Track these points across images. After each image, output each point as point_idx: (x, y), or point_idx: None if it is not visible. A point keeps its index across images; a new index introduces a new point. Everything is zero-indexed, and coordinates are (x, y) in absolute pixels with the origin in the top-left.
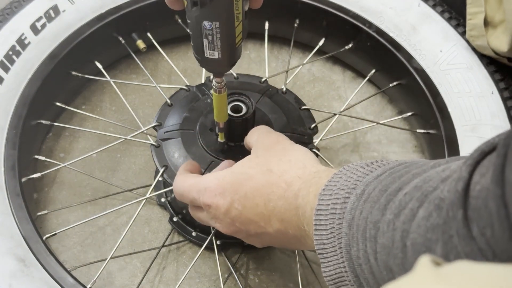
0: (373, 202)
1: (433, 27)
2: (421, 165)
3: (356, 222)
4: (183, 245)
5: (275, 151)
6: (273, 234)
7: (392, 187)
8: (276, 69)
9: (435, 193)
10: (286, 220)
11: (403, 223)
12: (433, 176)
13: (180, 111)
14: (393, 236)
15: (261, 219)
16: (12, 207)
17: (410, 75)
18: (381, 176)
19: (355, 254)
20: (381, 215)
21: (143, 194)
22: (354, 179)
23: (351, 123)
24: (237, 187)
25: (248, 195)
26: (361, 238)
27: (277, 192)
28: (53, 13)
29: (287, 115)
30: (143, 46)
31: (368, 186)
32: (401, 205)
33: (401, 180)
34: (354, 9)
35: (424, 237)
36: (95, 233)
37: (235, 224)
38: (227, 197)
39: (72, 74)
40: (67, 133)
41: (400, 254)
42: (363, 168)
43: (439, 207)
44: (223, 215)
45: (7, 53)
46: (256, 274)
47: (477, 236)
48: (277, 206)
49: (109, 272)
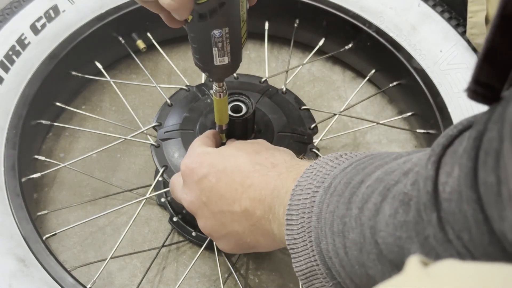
0: (339, 195)
1: (433, 27)
2: (384, 157)
3: (323, 216)
4: (183, 245)
5: (265, 144)
6: (238, 214)
7: (355, 180)
8: (276, 69)
9: (397, 187)
10: (259, 198)
11: (369, 219)
12: (394, 168)
13: (180, 111)
14: (363, 232)
15: (232, 196)
16: (12, 207)
17: (410, 75)
18: (347, 169)
19: (325, 248)
20: (346, 209)
21: (143, 194)
22: (323, 173)
23: (351, 123)
24: (217, 162)
25: (227, 170)
26: (329, 232)
27: (261, 170)
28: (53, 13)
29: (287, 115)
30: (143, 46)
31: (335, 179)
32: (363, 199)
33: (364, 172)
34: (354, 9)
35: (394, 236)
36: (95, 233)
37: (202, 197)
38: (203, 168)
39: (72, 74)
40: (67, 133)
41: (374, 250)
42: (332, 162)
43: (404, 203)
44: (195, 183)
45: (7, 53)
46: (256, 274)
47: (454, 240)
48: (254, 183)
49: (109, 272)
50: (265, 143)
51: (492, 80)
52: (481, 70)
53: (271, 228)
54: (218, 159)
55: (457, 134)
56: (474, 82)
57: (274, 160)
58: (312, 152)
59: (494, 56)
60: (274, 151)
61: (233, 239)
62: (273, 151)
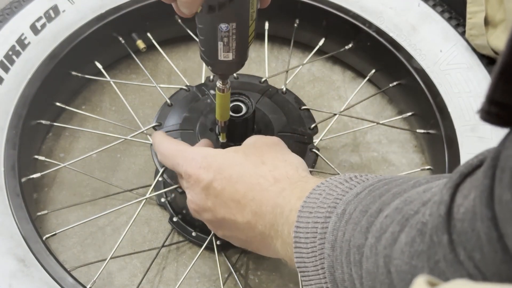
0: (355, 224)
1: (433, 27)
2: (401, 183)
3: (339, 244)
4: (183, 245)
5: (274, 148)
6: (240, 225)
7: (372, 208)
8: (276, 69)
9: (416, 217)
10: (260, 214)
11: (385, 247)
12: (414, 197)
13: (180, 111)
14: (377, 261)
15: (235, 206)
16: (12, 207)
17: (410, 75)
18: (361, 194)
19: (340, 277)
20: (364, 238)
21: (143, 194)
22: (334, 196)
23: (351, 123)
24: (224, 167)
25: (232, 178)
26: (345, 261)
27: (263, 184)
28: (53, 13)
29: (287, 115)
30: (143, 46)
31: (349, 205)
32: (382, 228)
33: (381, 200)
34: (354, 9)
35: (409, 264)
36: (95, 233)
37: (207, 202)
38: (210, 173)
39: (72, 74)
40: (67, 133)
41: (386, 280)
42: (342, 185)
43: (421, 232)
44: (200, 189)
45: (7, 53)
46: (256, 274)
47: (465, 261)
48: (256, 198)
49: (109, 272)
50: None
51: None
52: (496, 88)
53: (274, 243)
54: (224, 164)
55: (478, 164)
56: (488, 102)
57: (277, 174)
58: (312, 152)
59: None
60: (279, 163)
61: (238, 241)
62: (278, 162)
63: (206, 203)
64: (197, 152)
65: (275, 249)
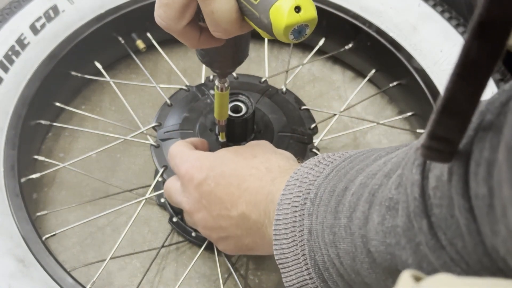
0: (325, 205)
1: (433, 27)
2: (364, 159)
3: (314, 228)
4: (183, 245)
5: (263, 145)
6: (235, 218)
7: (339, 187)
8: (276, 69)
9: (382, 191)
10: (254, 202)
11: (359, 228)
12: (375, 170)
13: (179, 111)
14: (353, 241)
15: (229, 200)
16: (11, 207)
17: (410, 75)
18: (330, 176)
19: (320, 259)
20: (333, 218)
21: (143, 194)
22: (307, 183)
23: (351, 123)
24: (215, 166)
25: (225, 173)
26: (322, 243)
27: (256, 174)
28: (53, 13)
29: (287, 115)
30: (142, 46)
31: (319, 189)
32: (351, 207)
33: (346, 178)
34: (354, 9)
35: (385, 244)
36: (95, 233)
37: (202, 201)
38: (203, 172)
39: (72, 74)
40: (66, 133)
41: (367, 259)
42: (313, 170)
43: (390, 208)
44: (194, 188)
45: (6, 53)
46: (256, 274)
47: (447, 246)
48: (250, 187)
49: (108, 273)
50: (264, 145)
51: (451, 133)
52: (439, 123)
53: (267, 232)
54: (216, 162)
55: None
56: (430, 137)
57: (269, 165)
58: (312, 153)
59: (454, 105)
60: (270, 155)
61: (233, 241)
62: (269, 155)
63: (200, 201)
64: (192, 154)
65: (269, 238)
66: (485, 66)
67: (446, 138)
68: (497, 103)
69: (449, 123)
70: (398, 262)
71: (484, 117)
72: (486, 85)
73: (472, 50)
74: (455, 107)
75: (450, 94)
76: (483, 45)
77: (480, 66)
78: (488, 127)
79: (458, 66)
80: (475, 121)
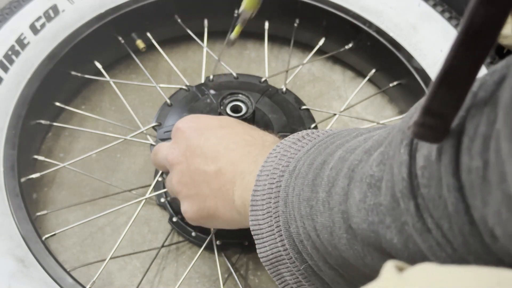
0: (303, 178)
1: (433, 27)
2: (345, 135)
3: (290, 199)
4: (183, 245)
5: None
6: (209, 175)
7: (317, 160)
8: (276, 69)
9: (362, 167)
10: (234, 162)
11: (339, 203)
12: (355, 145)
13: (179, 111)
14: (331, 216)
15: (213, 156)
16: (11, 207)
17: (410, 75)
18: (310, 150)
19: (295, 231)
20: (311, 191)
21: (143, 194)
22: (288, 156)
23: (351, 123)
24: (211, 127)
25: (218, 134)
26: (298, 215)
27: (249, 140)
28: (53, 13)
29: (287, 115)
30: (142, 46)
31: (299, 162)
32: (330, 182)
33: (325, 152)
34: (354, 8)
35: (367, 222)
36: (95, 233)
37: (186, 153)
38: (199, 129)
39: (72, 74)
40: (66, 133)
41: (345, 234)
42: (295, 144)
43: (371, 185)
44: (185, 139)
45: (6, 53)
46: (256, 274)
47: (433, 229)
48: (237, 149)
49: (108, 272)
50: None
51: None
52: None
53: (233, 194)
54: (214, 123)
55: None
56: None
57: (253, 133)
58: None
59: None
60: (254, 128)
61: (197, 201)
62: (250, 130)
63: (184, 153)
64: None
65: (233, 201)
66: (489, 34)
67: (441, 114)
68: (490, 82)
69: (445, 97)
70: (382, 241)
71: (476, 96)
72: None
73: (476, 17)
74: (453, 79)
75: (450, 65)
76: (488, 10)
77: (483, 34)
78: (483, 103)
79: (460, 34)
80: (467, 101)
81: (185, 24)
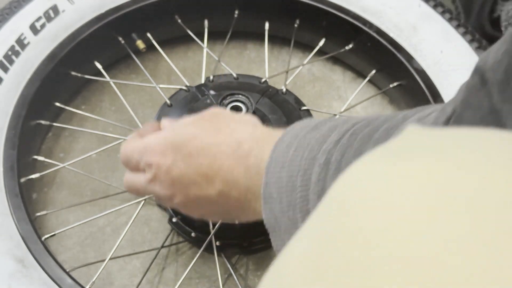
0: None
1: (433, 28)
2: (383, 120)
3: None
4: (183, 245)
5: (223, 115)
6: (214, 197)
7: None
8: (276, 69)
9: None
10: (232, 180)
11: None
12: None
13: (179, 111)
14: None
15: (204, 180)
16: (11, 207)
17: (411, 76)
18: (343, 140)
19: None
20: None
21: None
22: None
23: None
24: (179, 146)
25: (193, 153)
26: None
27: (226, 151)
28: (53, 13)
29: (287, 115)
30: (142, 46)
31: (332, 154)
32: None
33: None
34: (355, 9)
35: None
36: (95, 233)
37: (175, 185)
38: (168, 156)
39: (72, 74)
40: (66, 133)
41: None
42: (310, 134)
43: None
44: (164, 174)
45: (6, 53)
46: (256, 274)
47: None
48: (223, 166)
49: (108, 273)
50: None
51: None
52: None
53: (253, 206)
54: (178, 142)
55: None
56: None
57: (237, 136)
58: None
59: None
60: (235, 125)
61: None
62: (234, 124)
63: (173, 185)
64: (149, 140)
65: (255, 211)
66: None
67: None
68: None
69: None
70: None
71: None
72: None
73: None
74: None
75: None
76: None
77: None
78: None
79: None
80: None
81: (185, 24)
